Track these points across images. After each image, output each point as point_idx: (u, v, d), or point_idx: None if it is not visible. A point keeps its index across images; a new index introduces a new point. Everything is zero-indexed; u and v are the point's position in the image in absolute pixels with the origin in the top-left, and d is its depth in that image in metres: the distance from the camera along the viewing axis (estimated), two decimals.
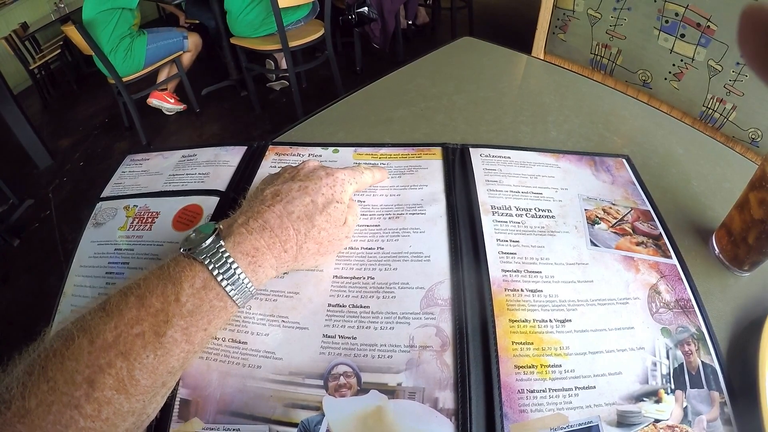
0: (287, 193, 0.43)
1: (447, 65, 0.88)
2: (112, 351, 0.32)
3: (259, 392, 0.38)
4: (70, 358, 0.32)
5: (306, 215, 0.42)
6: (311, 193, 0.43)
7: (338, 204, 0.44)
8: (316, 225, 0.42)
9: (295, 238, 0.41)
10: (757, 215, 0.43)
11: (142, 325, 0.33)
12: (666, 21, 1.15)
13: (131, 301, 0.34)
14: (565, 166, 0.58)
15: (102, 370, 0.31)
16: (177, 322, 0.34)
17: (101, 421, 0.31)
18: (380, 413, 0.36)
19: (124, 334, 0.33)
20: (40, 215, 2.55)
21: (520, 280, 0.45)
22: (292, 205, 0.42)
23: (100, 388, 0.31)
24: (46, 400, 0.30)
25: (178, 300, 0.35)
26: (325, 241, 0.43)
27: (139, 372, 0.33)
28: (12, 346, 0.34)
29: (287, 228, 0.41)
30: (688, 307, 0.43)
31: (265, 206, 0.42)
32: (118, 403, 0.32)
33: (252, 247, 0.39)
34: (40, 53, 4.13)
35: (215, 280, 0.36)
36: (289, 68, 2.61)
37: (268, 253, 0.39)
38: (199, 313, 0.35)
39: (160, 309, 0.34)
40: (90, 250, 0.52)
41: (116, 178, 0.62)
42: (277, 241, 0.40)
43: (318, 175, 0.46)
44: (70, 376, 0.31)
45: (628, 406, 0.37)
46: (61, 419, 0.30)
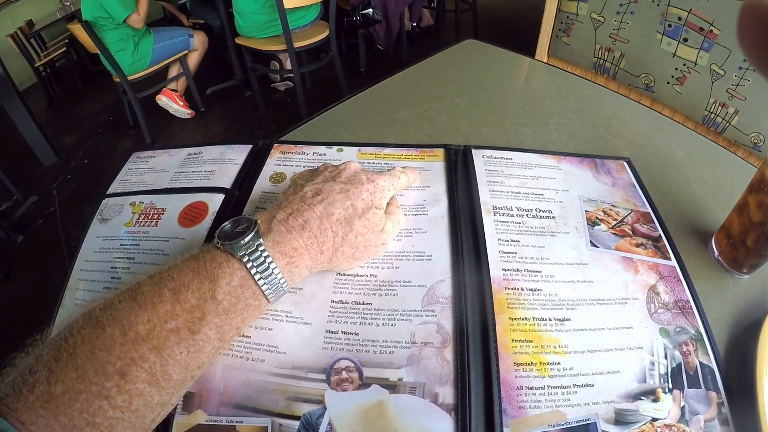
0: (328, 194, 0.42)
1: (450, 67, 0.88)
2: (145, 345, 0.32)
3: (263, 385, 0.39)
4: (101, 348, 0.31)
5: (345, 219, 0.42)
6: (352, 197, 0.43)
7: (377, 210, 0.44)
8: (354, 229, 0.42)
9: (332, 240, 0.41)
10: (756, 218, 0.44)
11: (177, 321, 0.33)
12: (669, 25, 1.16)
13: (165, 294, 0.34)
14: (566, 167, 0.59)
15: (135, 362, 0.31)
16: (212, 320, 0.34)
17: (130, 412, 0.31)
18: (381, 407, 0.37)
19: (157, 328, 0.32)
20: (43, 212, 2.56)
21: (520, 279, 0.45)
22: (333, 207, 0.42)
23: (132, 381, 0.31)
24: (73, 387, 0.30)
25: (215, 297, 0.35)
26: (360, 246, 0.43)
27: (172, 367, 0.33)
28: (15, 341, 0.34)
29: (326, 230, 0.41)
30: (686, 308, 0.44)
31: (306, 205, 0.41)
32: (149, 395, 0.32)
33: (291, 247, 0.39)
34: (46, 51, 4.15)
35: (253, 278, 0.36)
36: (294, 69, 2.62)
37: (305, 254, 0.40)
38: (234, 312, 0.36)
39: (195, 305, 0.34)
40: (95, 245, 0.53)
41: (122, 175, 0.62)
42: (315, 242, 0.40)
43: (359, 179, 0.45)
44: (101, 367, 0.31)
45: (625, 404, 0.37)
46: (89, 408, 0.30)
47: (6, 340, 1.70)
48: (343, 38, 3.47)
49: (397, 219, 0.49)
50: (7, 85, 2.71)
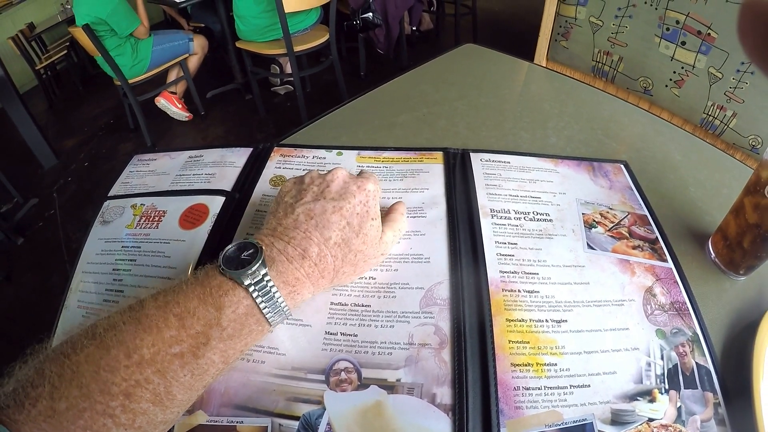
0: (321, 216, 0.41)
1: (450, 71, 0.89)
2: (149, 368, 0.32)
3: (263, 386, 0.39)
4: (105, 369, 0.31)
5: (343, 240, 0.42)
6: (346, 215, 0.42)
7: (373, 221, 0.44)
8: (353, 249, 0.42)
9: (333, 264, 0.41)
10: (752, 220, 0.44)
11: (182, 346, 0.33)
12: (667, 29, 1.17)
13: (170, 320, 0.34)
14: (564, 171, 0.59)
15: (139, 384, 0.32)
16: (216, 345, 0.35)
17: (134, 429, 0.32)
18: (380, 408, 0.37)
19: (162, 352, 0.33)
20: (44, 214, 2.57)
21: (517, 281, 0.46)
22: (329, 231, 0.41)
23: (136, 401, 0.31)
24: (77, 405, 0.30)
25: (220, 324, 0.35)
26: (360, 262, 0.44)
27: (176, 389, 0.33)
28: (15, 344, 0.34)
29: (325, 256, 0.40)
30: (683, 310, 0.44)
31: (302, 232, 0.40)
32: (153, 413, 0.32)
33: (293, 278, 0.39)
34: (47, 53, 4.16)
35: (258, 307, 0.37)
36: (294, 73, 2.63)
37: (307, 282, 0.40)
38: (238, 337, 0.36)
39: (200, 332, 0.34)
40: (97, 247, 0.53)
41: (123, 177, 0.63)
42: (316, 270, 0.40)
43: (350, 191, 0.44)
44: (105, 387, 0.31)
45: (622, 404, 0.38)
46: (93, 425, 0.30)
47: (6, 342, 1.70)
48: (343, 42, 3.48)
49: (398, 227, 0.49)
50: (8, 87, 2.72)
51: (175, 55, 2.89)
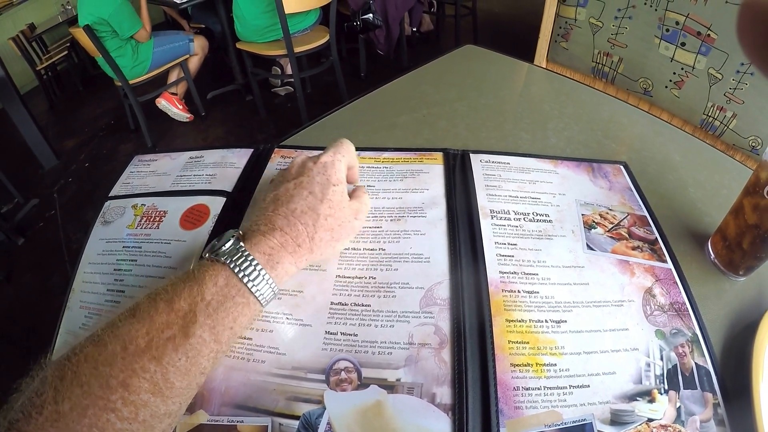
0: (285, 194, 0.45)
1: (450, 72, 0.89)
2: (145, 356, 0.33)
3: (263, 386, 0.39)
4: (103, 363, 0.32)
5: (309, 208, 0.44)
6: (306, 186, 0.45)
7: (335, 187, 0.46)
8: (321, 214, 0.44)
9: (305, 232, 0.43)
10: (751, 220, 0.44)
11: (173, 329, 0.34)
12: (667, 30, 1.17)
13: (161, 306, 0.35)
14: (564, 172, 0.59)
15: (136, 374, 0.32)
16: (204, 321, 0.35)
17: (138, 423, 0.32)
18: (380, 407, 0.37)
19: (155, 339, 0.34)
20: (44, 215, 2.57)
21: (517, 282, 0.46)
22: (293, 203, 0.44)
23: (135, 392, 0.32)
24: (80, 403, 0.30)
25: (204, 298, 0.36)
26: (335, 226, 0.45)
27: (173, 375, 0.34)
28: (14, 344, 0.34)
29: (295, 224, 0.43)
30: (682, 311, 0.44)
31: (270, 212, 0.43)
32: (155, 405, 0.33)
33: (268, 247, 0.41)
34: (47, 54, 4.17)
35: (237, 276, 0.38)
36: (294, 74, 2.63)
37: (282, 251, 0.41)
38: (224, 310, 0.37)
39: (188, 310, 0.35)
40: (98, 247, 0.53)
41: (124, 177, 0.63)
42: (289, 239, 0.42)
43: (307, 167, 0.47)
44: (105, 381, 0.31)
45: (621, 405, 0.38)
46: (97, 422, 0.30)
47: (6, 342, 1.71)
48: (344, 43, 3.49)
49: (363, 200, 0.50)
50: (9, 88, 2.72)
51: (176, 56, 2.89)
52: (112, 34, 2.53)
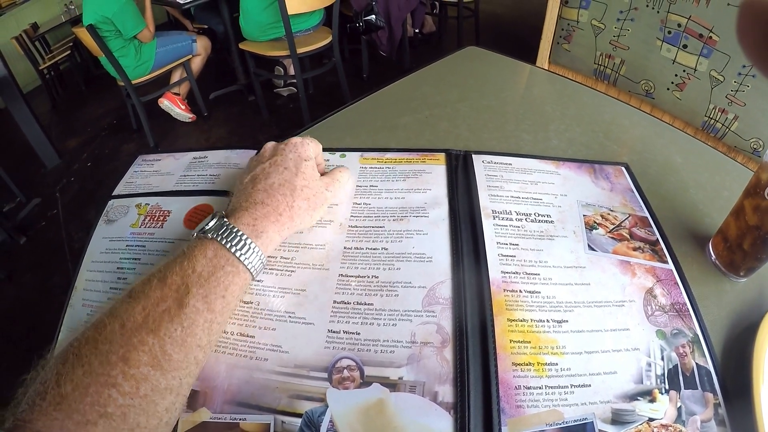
0: (261, 173, 0.49)
1: (452, 74, 0.89)
2: (142, 330, 0.34)
3: (266, 384, 0.40)
4: (103, 342, 0.33)
5: (286, 180, 0.48)
6: (281, 163, 0.49)
7: (306, 162, 0.50)
8: (297, 185, 0.48)
9: (285, 202, 0.46)
10: (752, 222, 0.44)
11: (167, 302, 0.36)
12: (668, 32, 1.17)
13: (154, 284, 0.37)
14: (565, 173, 0.59)
15: (135, 347, 0.33)
16: (197, 292, 0.37)
17: (140, 398, 0.33)
18: (382, 405, 0.38)
19: (151, 313, 0.35)
20: (46, 214, 2.58)
21: (518, 282, 0.46)
22: (270, 179, 0.48)
23: (135, 365, 0.33)
24: (82, 383, 0.31)
25: (195, 270, 0.38)
26: (311, 196, 0.49)
27: (170, 346, 0.35)
28: (15, 343, 0.35)
29: (274, 196, 0.46)
30: (683, 311, 0.45)
31: (250, 190, 0.47)
32: (155, 379, 0.34)
33: (251, 218, 0.44)
34: (50, 54, 4.18)
35: (224, 248, 0.41)
36: (297, 74, 2.64)
37: (265, 221, 0.44)
38: (215, 279, 0.39)
39: (180, 283, 0.38)
40: (101, 246, 0.54)
41: (128, 177, 0.63)
42: (270, 210, 0.45)
43: (279, 148, 0.52)
44: (105, 358, 0.32)
45: (622, 404, 0.38)
46: (99, 399, 0.31)
47: (7, 341, 1.71)
48: (346, 44, 3.50)
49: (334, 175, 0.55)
50: (12, 87, 2.73)
51: (179, 56, 2.90)
52: (115, 33, 2.54)
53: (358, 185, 0.58)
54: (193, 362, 0.37)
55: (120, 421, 0.32)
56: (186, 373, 0.36)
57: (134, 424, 0.32)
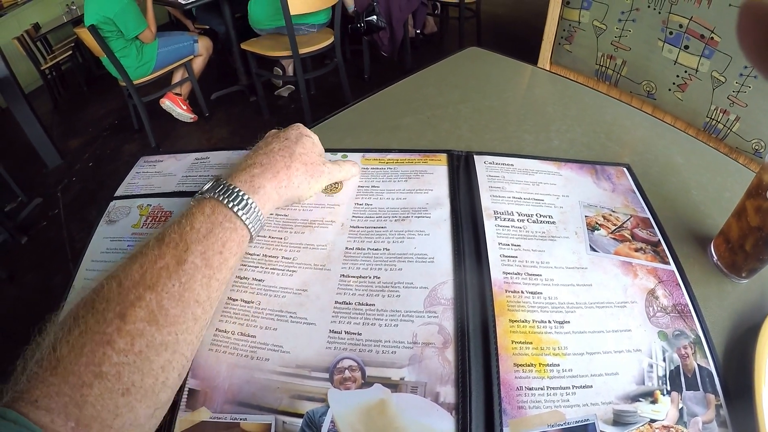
0: (264, 144, 0.51)
1: (453, 74, 0.89)
2: (140, 287, 0.34)
3: (267, 384, 0.40)
4: (100, 301, 0.33)
5: (285, 147, 0.50)
6: (282, 138, 0.51)
7: (307, 137, 0.53)
8: (296, 151, 0.50)
9: (282, 162, 0.48)
10: (754, 223, 0.44)
11: (165, 259, 0.36)
12: (670, 32, 1.17)
13: (152, 242, 0.38)
14: (567, 173, 0.59)
15: (132, 304, 0.33)
16: (195, 248, 0.38)
17: (134, 355, 0.32)
18: (383, 406, 0.38)
19: (149, 270, 0.35)
20: (48, 214, 2.58)
21: (520, 282, 0.46)
22: (270, 146, 0.50)
23: (131, 321, 0.33)
24: (77, 343, 0.31)
25: (193, 227, 0.39)
26: (309, 162, 0.51)
27: (167, 301, 0.35)
28: (17, 343, 0.35)
29: (273, 157, 0.48)
30: (685, 312, 0.44)
31: (251, 155, 0.49)
32: (150, 334, 0.33)
33: (248, 176, 0.45)
34: (52, 54, 4.19)
35: (222, 204, 0.42)
36: (299, 75, 2.64)
37: (262, 178, 0.46)
38: (213, 236, 0.40)
39: (178, 240, 0.38)
40: (102, 245, 0.54)
41: (130, 178, 0.63)
42: (268, 168, 0.47)
43: (282, 132, 0.54)
44: (101, 316, 0.33)
45: (624, 405, 0.38)
46: (94, 358, 0.31)
47: (9, 341, 1.71)
48: (348, 45, 3.50)
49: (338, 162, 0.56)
50: (13, 87, 2.74)
51: (180, 57, 2.91)
52: (117, 34, 2.54)
53: (359, 186, 0.58)
54: (191, 318, 0.37)
55: (114, 380, 0.31)
56: (183, 329, 0.36)
57: (129, 383, 0.32)
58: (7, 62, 2.71)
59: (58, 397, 0.30)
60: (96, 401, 0.30)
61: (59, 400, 0.29)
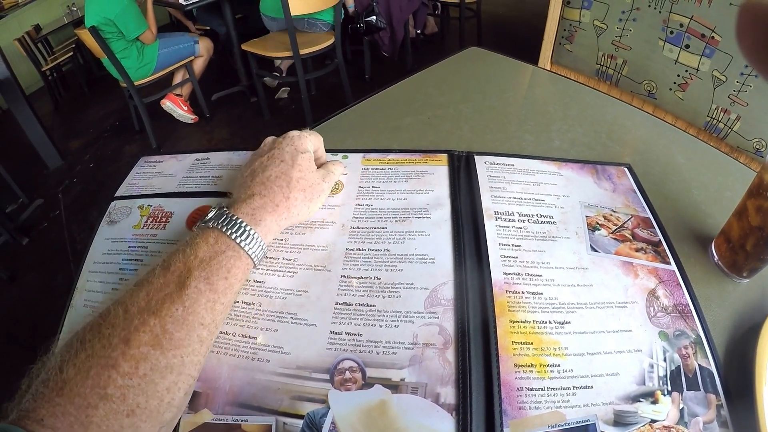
0: (260, 166, 0.50)
1: (454, 75, 0.89)
2: (144, 312, 0.35)
3: (268, 385, 0.40)
4: (106, 326, 0.34)
5: (282, 173, 0.49)
6: (278, 156, 0.51)
7: (303, 154, 0.51)
8: (293, 177, 0.49)
9: (281, 193, 0.48)
10: (755, 222, 0.44)
11: (170, 287, 0.37)
12: (671, 32, 1.17)
13: (158, 271, 0.39)
14: (568, 174, 0.59)
15: (137, 329, 0.34)
16: (198, 274, 0.38)
17: (138, 378, 0.33)
18: (384, 407, 0.38)
19: (154, 297, 0.36)
20: (49, 215, 2.59)
21: (521, 283, 0.46)
22: (268, 172, 0.49)
23: (135, 345, 0.33)
24: (84, 366, 0.32)
25: (196, 256, 0.40)
26: (307, 188, 0.50)
27: (171, 325, 0.35)
28: (18, 344, 0.35)
29: (271, 188, 0.47)
30: (686, 312, 0.44)
31: (249, 183, 0.48)
32: (155, 358, 0.34)
33: (249, 208, 0.45)
34: (53, 55, 4.20)
35: (225, 234, 0.42)
36: (300, 75, 2.64)
37: (263, 211, 0.46)
38: (217, 263, 0.40)
39: (183, 269, 0.39)
40: (104, 246, 0.54)
41: (130, 178, 0.63)
42: (268, 201, 0.47)
43: (277, 143, 0.53)
44: (107, 341, 0.33)
45: (624, 406, 0.38)
46: (99, 381, 0.32)
47: (10, 341, 1.72)
48: (348, 45, 3.50)
49: (329, 168, 0.55)
50: (14, 88, 2.74)
51: (181, 58, 2.91)
52: (117, 35, 2.55)
53: (360, 186, 0.58)
54: (197, 340, 0.37)
55: (119, 402, 0.32)
56: (189, 351, 0.37)
57: (134, 405, 0.33)
58: (8, 63, 2.72)
59: (64, 417, 0.30)
60: (101, 422, 0.31)
61: (64, 420, 0.30)
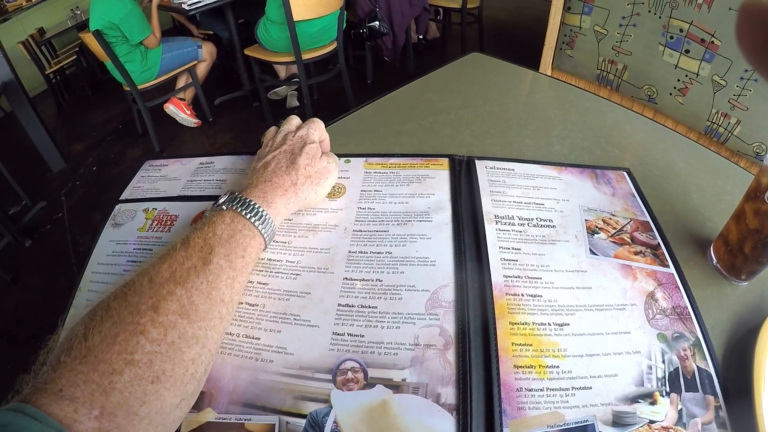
0: (272, 159, 0.53)
1: (455, 80, 0.90)
2: (170, 283, 0.37)
3: (271, 385, 0.40)
4: (132, 294, 0.36)
5: (290, 162, 0.52)
6: (287, 149, 0.54)
7: (311, 144, 0.55)
8: (301, 164, 0.52)
9: (290, 179, 0.51)
10: (753, 225, 0.45)
11: (192, 260, 0.39)
12: (671, 37, 1.17)
13: (178, 246, 0.41)
14: (567, 178, 0.60)
15: (164, 297, 0.36)
16: (219, 251, 0.41)
17: (167, 345, 0.34)
18: (385, 407, 0.38)
19: (178, 269, 0.38)
20: (52, 217, 2.59)
21: (520, 285, 0.47)
22: (277, 162, 0.52)
23: (164, 313, 0.35)
24: (110, 333, 0.33)
25: (215, 234, 0.42)
26: (313, 174, 0.53)
27: (197, 297, 0.37)
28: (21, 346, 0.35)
29: (281, 175, 0.51)
30: (684, 314, 0.45)
31: (261, 172, 0.51)
32: (182, 327, 0.35)
33: (261, 192, 0.48)
34: (56, 58, 4.21)
35: (240, 215, 0.45)
36: (302, 80, 2.65)
37: (273, 194, 0.49)
38: (234, 240, 0.43)
39: (203, 244, 0.41)
40: (108, 248, 0.54)
41: (135, 182, 0.64)
42: (277, 185, 0.50)
43: (288, 137, 0.56)
44: (134, 308, 0.34)
45: (623, 406, 0.38)
46: (127, 347, 0.32)
47: (13, 343, 1.72)
48: (351, 50, 3.50)
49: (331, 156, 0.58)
50: (18, 91, 2.75)
51: (184, 62, 2.92)
52: (121, 39, 2.56)
53: (362, 190, 0.59)
54: (217, 316, 0.39)
55: (146, 368, 0.33)
56: (211, 325, 0.38)
57: (159, 371, 0.33)
58: (12, 66, 2.73)
59: (85, 385, 0.30)
60: (125, 388, 0.32)
61: (86, 388, 0.30)
